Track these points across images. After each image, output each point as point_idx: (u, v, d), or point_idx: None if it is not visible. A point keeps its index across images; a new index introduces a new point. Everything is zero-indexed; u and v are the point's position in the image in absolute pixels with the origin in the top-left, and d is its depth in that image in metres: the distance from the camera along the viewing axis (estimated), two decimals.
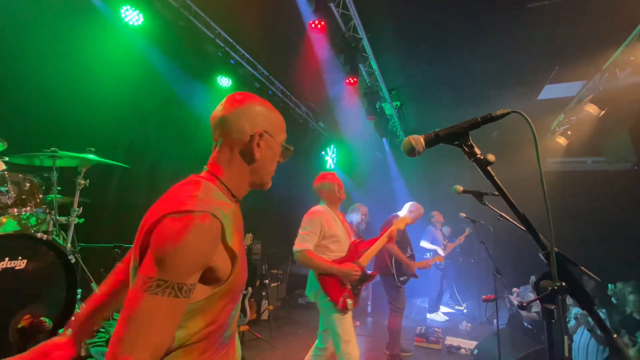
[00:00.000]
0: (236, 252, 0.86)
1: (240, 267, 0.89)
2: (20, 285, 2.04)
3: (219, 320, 0.89)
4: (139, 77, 3.94)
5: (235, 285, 0.89)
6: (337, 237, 2.54)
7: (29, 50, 3.03)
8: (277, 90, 5.98)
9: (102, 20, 3.59)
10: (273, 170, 1.06)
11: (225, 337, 0.95)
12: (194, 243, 0.76)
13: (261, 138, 0.98)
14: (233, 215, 0.92)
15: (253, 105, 1.01)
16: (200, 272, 0.80)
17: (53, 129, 3.15)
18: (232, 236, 0.87)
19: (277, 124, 1.05)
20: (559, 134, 6.33)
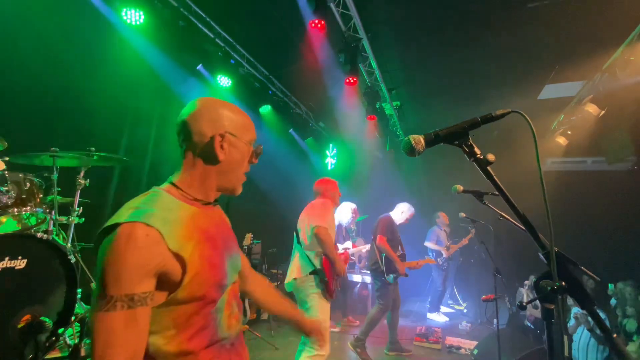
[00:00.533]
0: (184, 258, 0.84)
1: (200, 271, 0.87)
2: (20, 285, 2.04)
3: (196, 321, 0.88)
4: (139, 76, 3.94)
5: (198, 289, 0.87)
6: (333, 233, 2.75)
7: (28, 50, 3.03)
8: (277, 90, 5.98)
9: (102, 20, 3.59)
10: (243, 172, 1.04)
11: (223, 339, 0.95)
12: (127, 253, 0.77)
13: (223, 139, 0.97)
14: (189, 218, 0.91)
15: (214, 107, 1.00)
16: (150, 278, 0.80)
17: (53, 129, 3.15)
18: (182, 241, 0.86)
19: (242, 124, 1.03)
20: (559, 134, 6.33)
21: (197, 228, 0.92)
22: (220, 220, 1.06)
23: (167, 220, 0.85)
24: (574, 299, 0.80)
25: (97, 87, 3.51)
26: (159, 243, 0.81)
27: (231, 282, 1.01)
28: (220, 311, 0.95)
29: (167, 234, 0.83)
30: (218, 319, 0.94)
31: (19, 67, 2.97)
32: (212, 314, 0.92)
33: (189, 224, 0.90)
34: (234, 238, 1.12)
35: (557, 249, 0.84)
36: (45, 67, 3.11)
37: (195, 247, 0.88)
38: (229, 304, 0.99)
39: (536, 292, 0.84)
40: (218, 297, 0.93)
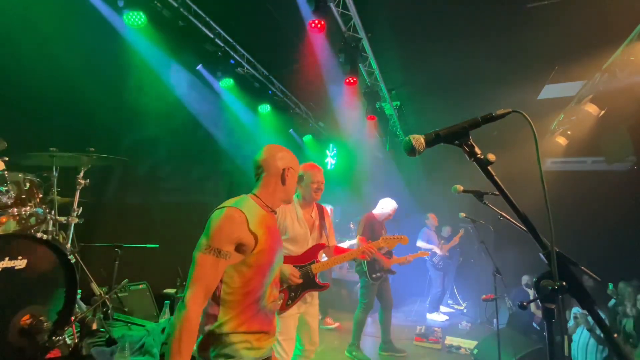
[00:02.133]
0: (257, 236, 1.34)
1: (264, 248, 1.36)
2: (20, 285, 2.04)
3: (251, 285, 1.36)
4: (139, 76, 3.94)
5: (260, 259, 1.36)
6: (293, 236, 2.43)
7: (29, 50, 3.02)
8: (277, 90, 5.97)
9: (102, 20, 3.59)
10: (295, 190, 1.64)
11: (262, 307, 1.40)
12: (226, 224, 1.29)
13: (288, 171, 1.56)
14: (262, 216, 1.43)
15: (281, 151, 1.59)
16: (233, 243, 1.29)
17: (53, 129, 3.14)
18: (257, 227, 1.35)
19: (295, 162, 1.63)
20: (559, 134, 6.32)
21: (266, 223, 1.42)
22: (275, 225, 1.56)
23: (251, 212, 1.37)
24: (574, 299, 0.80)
25: (97, 87, 3.51)
26: (244, 223, 1.32)
27: (277, 265, 1.48)
28: (266, 286, 1.42)
29: (250, 220, 1.34)
30: (264, 290, 1.41)
31: (19, 68, 2.97)
32: (262, 283, 1.39)
33: (261, 219, 1.41)
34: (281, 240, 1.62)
35: (557, 249, 0.84)
36: (45, 67, 3.10)
37: (264, 233, 1.38)
38: (271, 286, 1.46)
39: (537, 292, 0.84)
40: (268, 273, 1.41)
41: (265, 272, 1.39)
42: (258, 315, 1.38)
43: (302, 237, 2.47)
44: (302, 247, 2.47)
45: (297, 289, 2.36)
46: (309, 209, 2.59)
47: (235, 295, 1.33)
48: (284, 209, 2.44)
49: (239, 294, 1.33)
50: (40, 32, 3.06)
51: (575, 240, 5.57)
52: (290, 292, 2.34)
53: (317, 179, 2.54)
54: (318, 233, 2.58)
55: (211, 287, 1.25)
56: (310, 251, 2.47)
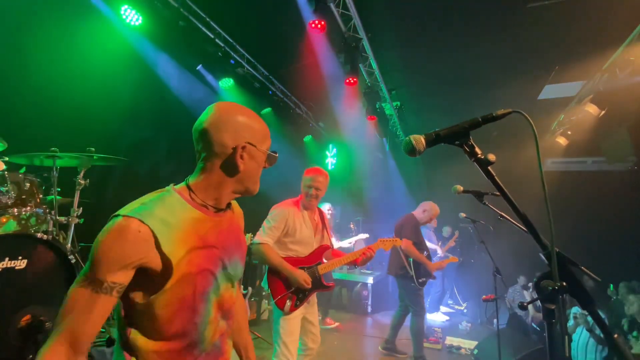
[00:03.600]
0: (172, 260, 0.86)
1: (187, 273, 0.89)
2: (20, 285, 2.04)
3: (173, 328, 0.90)
4: (139, 77, 3.94)
5: (182, 294, 0.89)
6: (300, 238, 2.44)
7: (28, 50, 3.03)
8: (277, 90, 5.97)
9: (102, 20, 3.59)
10: (259, 177, 1.07)
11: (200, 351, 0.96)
12: (112, 243, 0.83)
13: (244, 150, 0.98)
14: (190, 223, 0.93)
15: (235, 116, 1.00)
16: (126, 271, 0.83)
17: (53, 129, 3.14)
18: (175, 243, 0.88)
19: (260, 133, 1.04)
20: (559, 134, 6.33)
21: (195, 234, 0.94)
22: (228, 226, 1.06)
23: (166, 222, 0.89)
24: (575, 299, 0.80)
25: (97, 87, 3.51)
26: (147, 241, 0.85)
27: (220, 290, 1.00)
28: (204, 323, 0.96)
29: (161, 235, 0.86)
30: (201, 329, 0.95)
31: (19, 68, 2.97)
32: (194, 324, 0.94)
33: (187, 229, 0.92)
34: (241, 244, 1.13)
35: (557, 249, 0.84)
36: (45, 67, 3.11)
37: (187, 252, 0.90)
38: (215, 319, 0.99)
39: (537, 292, 0.84)
40: (201, 306, 0.94)
41: (196, 307, 0.93)
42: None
43: (308, 239, 2.49)
44: (308, 248, 2.49)
45: (305, 291, 2.38)
46: (312, 211, 2.59)
47: (153, 343, 0.90)
48: (290, 212, 2.42)
49: (159, 341, 0.90)
50: (41, 32, 3.06)
51: (576, 241, 5.57)
52: (298, 294, 2.36)
53: (313, 183, 2.48)
54: (320, 235, 2.60)
55: (82, 335, 0.81)
56: (315, 253, 2.50)
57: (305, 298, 2.40)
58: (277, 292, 2.35)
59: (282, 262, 2.34)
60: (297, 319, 2.40)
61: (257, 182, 1.07)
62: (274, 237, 2.36)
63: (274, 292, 2.35)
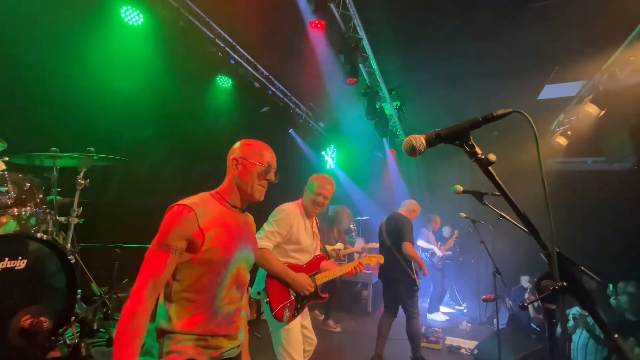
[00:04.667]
0: (205, 233, 1.30)
1: (215, 246, 1.31)
2: (20, 285, 2.04)
3: (202, 283, 1.32)
4: (139, 77, 3.94)
5: (211, 257, 1.31)
6: (302, 246, 2.39)
7: (29, 50, 3.02)
8: (277, 90, 5.97)
9: (102, 20, 3.59)
10: (257, 185, 1.45)
11: (217, 308, 1.34)
12: (174, 221, 1.28)
13: (238, 162, 1.44)
14: (219, 213, 1.39)
15: (239, 144, 1.50)
16: (183, 240, 1.27)
17: (53, 129, 3.14)
18: (208, 223, 1.31)
19: (254, 151, 1.47)
20: (559, 134, 6.32)
21: (222, 221, 1.38)
22: (244, 223, 1.50)
23: (203, 209, 1.33)
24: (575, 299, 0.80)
25: (97, 87, 3.51)
26: (192, 220, 1.29)
27: (236, 265, 1.40)
28: (222, 286, 1.36)
29: (201, 217, 1.31)
30: (218, 290, 1.35)
31: (19, 68, 2.97)
32: (215, 283, 1.34)
33: (217, 217, 1.37)
34: (252, 239, 1.55)
35: (558, 249, 0.84)
36: (45, 67, 3.10)
37: (216, 231, 1.33)
38: (229, 286, 1.39)
39: (537, 292, 0.84)
40: (222, 271, 1.35)
41: (218, 271, 1.34)
42: (214, 318, 1.34)
43: (309, 247, 2.44)
44: (307, 257, 2.45)
45: (303, 300, 2.33)
46: (311, 220, 2.53)
47: (186, 293, 1.31)
48: (295, 218, 2.36)
49: (190, 292, 1.31)
50: (41, 32, 3.06)
51: (575, 241, 5.57)
52: (297, 303, 2.30)
53: (321, 191, 2.42)
54: (316, 244, 2.56)
55: (160, 281, 1.24)
56: (313, 262, 2.46)
57: (302, 308, 2.34)
58: (277, 301, 2.25)
59: (286, 268, 2.27)
60: (298, 327, 2.34)
61: (254, 187, 1.45)
62: (274, 242, 2.28)
63: (272, 301, 2.24)
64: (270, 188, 1.52)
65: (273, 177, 1.50)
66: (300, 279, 2.27)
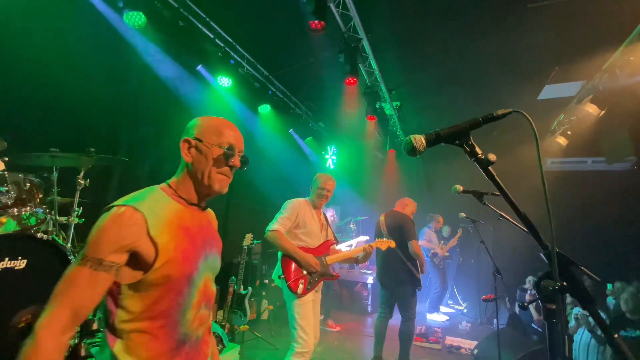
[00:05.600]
0: (158, 244, 0.96)
1: (172, 258, 0.99)
2: (20, 285, 2.03)
3: (159, 309, 0.98)
4: (138, 77, 3.94)
5: (169, 274, 0.98)
6: (310, 230, 2.75)
7: (28, 50, 3.02)
8: (277, 91, 5.97)
9: (102, 20, 3.59)
10: (217, 173, 1.11)
11: (183, 335, 1.03)
12: (111, 227, 0.93)
13: (190, 145, 1.11)
14: (175, 213, 1.06)
15: (193, 122, 1.16)
16: (122, 253, 0.93)
17: (53, 129, 3.14)
18: (162, 230, 0.99)
19: (211, 129, 1.12)
20: (559, 134, 6.32)
21: (179, 223, 1.05)
22: (206, 223, 1.19)
23: (154, 210, 1.00)
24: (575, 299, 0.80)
25: (97, 87, 3.51)
26: (140, 225, 0.95)
27: (202, 277, 1.09)
28: (187, 307, 1.04)
29: (152, 221, 0.97)
30: (182, 312, 1.03)
31: (18, 68, 2.96)
32: (177, 305, 1.01)
33: (172, 218, 1.04)
34: (217, 242, 1.23)
35: (558, 249, 0.84)
36: (45, 67, 3.10)
37: (172, 238, 1.01)
38: (197, 305, 1.07)
39: (537, 292, 0.84)
40: (185, 289, 1.03)
41: (180, 290, 1.01)
42: (180, 349, 1.01)
43: (316, 231, 2.81)
44: (316, 241, 2.79)
45: (315, 276, 2.67)
46: (318, 211, 2.92)
47: (137, 323, 0.96)
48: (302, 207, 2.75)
49: (143, 321, 0.96)
50: (40, 32, 3.06)
51: (575, 240, 5.57)
52: (309, 278, 2.64)
53: (325, 185, 2.83)
54: (325, 232, 2.94)
55: (82, 310, 0.90)
56: (323, 245, 2.84)
57: (315, 283, 2.67)
58: (291, 275, 2.59)
59: (294, 246, 2.63)
60: (310, 304, 2.63)
61: (212, 176, 1.10)
62: (285, 226, 2.64)
63: (287, 275, 2.59)
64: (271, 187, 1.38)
65: (238, 162, 1.14)
66: (307, 257, 2.62)
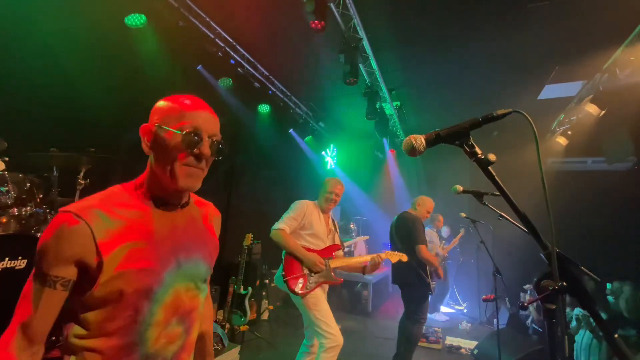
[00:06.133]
0: (104, 253, 0.84)
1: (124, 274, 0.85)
2: (21, 285, 2.03)
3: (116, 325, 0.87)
4: (138, 77, 3.93)
5: (120, 288, 0.85)
6: (316, 232, 2.71)
7: (28, 50, 3.02)
8: (277, 91, 5.97)
9: (101, 20, 3.59)
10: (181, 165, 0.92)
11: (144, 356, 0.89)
12: (51, 238, 0.84)
13: (151, 132, 0.95)
14: (134, 218, 0.91)
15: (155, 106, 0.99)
16: (66, 265, 0.84)
17: (53, 129, 3.14)
18: (112, 239, 0.86)
19: (171, 110, 0.93)
20: (559, 134, 6.32)
21: (139, 228, 0.90)
22: (184, 223, 1.01)
23: (106, 216, 0.87)
24: (575, 299, 0.80)
25: (97, 87, 3.51)
26: (82, 235, 0.84)
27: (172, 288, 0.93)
28: (148, 325, 0.89)
29: (99, 229, 0.85)
30: (141, 331, 0.89)
31: (18, 68, 2.96)
32: (134, 323, 0.88)
33: (129, 223, 0.90)
34: (202, 244, 1.05)
35: (557, 249, 0.84)
36: (45, 67, 3.10)
37: (125, 248, 0.87)
38: (164, 322, 0.92)
39: (537, 292, 0.84)
40: (143, 305, 0.88)
41: (136, 306, 0.87)
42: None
43: (322, 235, 2.76)
44: (321, 244, 2.75)
45: (316, 277, 2.61)
46: (326, 216, 2.88)
47: (90, 341, 0.87)
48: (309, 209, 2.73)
49: (96, 339, 0.87)
50: (40, 32, 3.06)
51: (575, 241, 5.56)
52: (309, 277, 2.59)
53: (333, 190, 2.79)
54: (332, 236, 2.89)
55: (34, 329, 0.85)
56: (328, 248, 2.78)
57: (315, 284, 2.59)
58: (289, 272, 2.56)
59: (297, 245, 2.60)
60: (324, 297, 2.63)
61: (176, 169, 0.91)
62: (291, 226, 2.63)
63: (287, 272, 2.55)
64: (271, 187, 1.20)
65: (207, 149, 0.93)
66: (310, 256, 2.57)
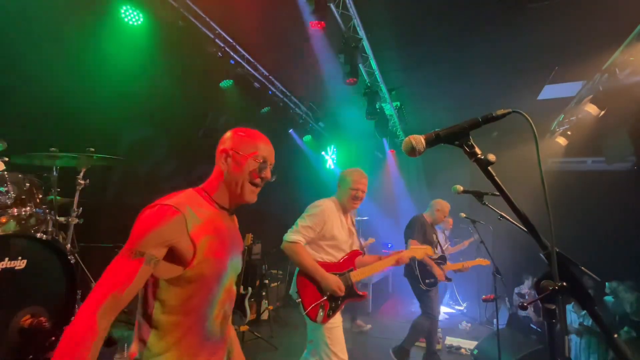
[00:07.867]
0: (196, 244, 1.05)
1: (207, 258, 1.07)
2: (20, 285, 2.04)
3: (192, 303, 1.08)
4: (138, 77, 3.93)
5: (203, 272, 1.07)
6: (338, 241, 2.32)
7: (29, 50, 3.02)
8: (277, 91, 5.97)
9: (102, 20, 3.59)
10: (249, 184, 1.20)
11: (209, 332, 1.12)
12: (155, 223, 1.01)
13: (227, 155, 1.19)
14: (210, 216, 1.13)
15: (230, 133, 1.24)
16: (162, 247, 1.01)
17: (52, 129, 3.14)
18: (199, 230, 1.07)
19: (247, 142, 1.22)
20: (559, 134, 6.32)
21: (214, 226, 1.13)
22: (233, 226, 1.28)
23: (192, 212, 1.08)
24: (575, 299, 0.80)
25: (97, 87, 3.51)
26: (180, 223, 1.03)
27: (229, 277, 1.19)
28: (214, 304, 1.13)
29: (190, 222, 1.05)
30: (210, 309, 1.12)
31: (18, 68, 2.96)
32: (207, 301, 1.11)
33: (208, 221, 1.11)
34: (241, 244, 1.32)
35: (557, 249, 0.84)
36: (45, 67, 3.10)
37: (207, 239, 1.09)
38: (222, 303, 1.16)
39: (537, 292, 0.84)
40: (215, 287, 1.12)
41: (211, 287, 1.11)
42: (205, 344, 1.11)
43: (345, 244, 2.38)
44: (342, 253, 2.37)
45: (338, 299, 2.24)
46: (347, 215, 2.46)
47: (172, 316, 1.05)
48: (331, 214, 2.29)
49: (177, 315, 1.06)
50: (40, 32, 3.06)
51: (575, 241, 5.55)
52: (331, 302, 2.21)
53: (358, 186, 2.37)
54: (352, 240, 2.48)
55: (122, 299, 0.94)
56: (347, 258, 2.37)
57: (338, 307, 2.24)
58: (309, 299, 2.16)
59: (316, 265, 2.17)
60: (340, 326, 2.26)
61: (245, 187, 1.20)
62: (307, 237, 2.22)
63: (305, 300, 2.16)
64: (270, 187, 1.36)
65: (269, 174, 1.23)
66: (329, 279, 2.15)
